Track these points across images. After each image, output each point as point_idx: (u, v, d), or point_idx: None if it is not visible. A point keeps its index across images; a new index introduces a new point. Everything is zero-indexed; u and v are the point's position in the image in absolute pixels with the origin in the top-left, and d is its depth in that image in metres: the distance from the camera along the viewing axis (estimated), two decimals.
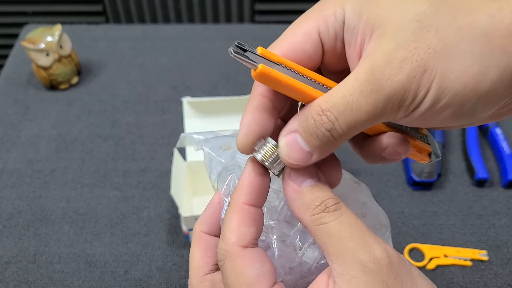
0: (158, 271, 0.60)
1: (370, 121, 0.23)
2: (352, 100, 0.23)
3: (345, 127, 0.23)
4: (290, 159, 0.25)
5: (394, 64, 0.22)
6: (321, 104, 0.24)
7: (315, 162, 0.26)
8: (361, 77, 0.23)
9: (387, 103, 0.23)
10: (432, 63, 0.22)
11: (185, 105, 0.65)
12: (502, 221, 0.64)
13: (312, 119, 0.24)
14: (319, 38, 0.26)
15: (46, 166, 0.72)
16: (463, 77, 0.22)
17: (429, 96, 0.22)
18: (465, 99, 0.22)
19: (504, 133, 0.72)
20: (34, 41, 0.77)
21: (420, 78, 0.22)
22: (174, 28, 0.98)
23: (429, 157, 0.30)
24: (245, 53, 0.24)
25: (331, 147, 0.25)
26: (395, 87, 0.22)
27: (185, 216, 0.57)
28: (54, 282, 0.59)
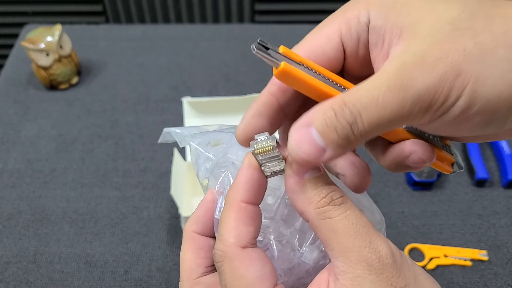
0: (158, 271, 0.60)
1: (395, 121, 0.22)
2: (378, 94, 0.21)
3: (368, 123, 0.21)
4: (300, 151, 0.22)
5: (427, 63, 0.21)
6: (344, 97, 0.22)
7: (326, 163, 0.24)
8: (390, 72, 0.21)
9: (415, 103, 0.21)
10: (467, 66, 0.21)
11: (185, 105, 0.65)
12: (502, 221, 0.64)
13: (332, 111, 0.22)
14: (340, 41, 0.26)
15: (46, 166, 0.72)
16: (498, 84, 0.21)
17: (460, 101, 0.21)
18: (498, 107, 0.21)
19: None
20: (34, 41, 0.77)
21: (453, 81, 0.21)
22: (174, 28, 0.98)
23: (452, 167, 0.29)
24: (267, 51, 0.23)
25: (347, 146, 0.23)
26: (426, 86, 0.21)
27: (185, 216, 0.57)
28: (54, 282, 0.59)
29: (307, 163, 0.23)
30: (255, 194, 0.27)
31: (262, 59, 0.23)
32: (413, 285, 0.24)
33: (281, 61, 0.23)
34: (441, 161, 0.28)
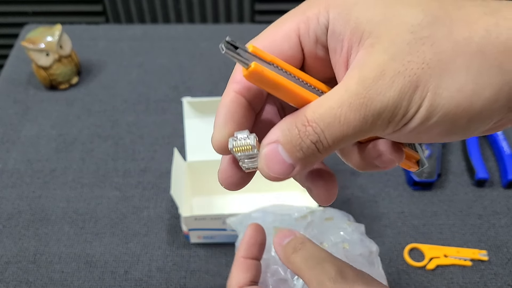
0: (158, 271, 0.60)
1: (357, 136, 0.22)
2: (340, 113, 0.21)
3: (331, 140, 0.22)
4: (271, 171, 0.24)
5: (386, 78, 0.21)
6: (307, 114, 0.22)
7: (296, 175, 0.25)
8: (351, 88, 0.22)
9: (376, 119, 0.21)
10: (425, 79, 0.21)
11: (185, 105, 0.65)
12: (502, 221, 0.64)
13: (296, 129, 0.23)
14: (298, 40, 0.25)
15: (46, 166, 0.72)
16: (456, 96, 0.21)
17: (419, 113, 0.21)
18: (457, 117, 0.21)
19: (504, 133, 0.72)
20: (34, 41, 0.77)
21: (412, 94, 0.21)
22: (174, 28, 0.98)
23: (417, 165, 0.29)
24: (236, 50, 0.23)
25: (314, 160, 0.24)
26: (386, 102, 0.21)
27: (185, 216, 0.57)
28: (54, 282, 0.59)
29: (278, 180, 0.24)
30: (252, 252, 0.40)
31: (232, 59, 0.23)
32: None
33: (251, 61, 0.22)
34: (408, 159, 0.28)
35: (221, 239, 0.62)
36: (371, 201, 0.67)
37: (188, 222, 0.58)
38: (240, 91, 0.26)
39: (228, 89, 0.26)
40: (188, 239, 0.63)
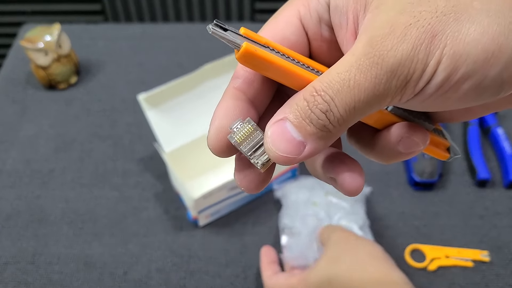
0: (157, 272, 0.60)
1: (372, 102, 0.20)
2: (348, 76, 0.19)
3: (343, 109, 0.20)
4: (279, 150, 0.21)
5: (397, 32, 0.19)
6: (314, 84, 0.20)
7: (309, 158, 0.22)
8: (358, 51, 0.20)
9: (390, 78, 0.19)
10: (442, 27, 0.18)
11: (142, 102, 0.62)
12: (504, 222, 0.64)
13: (304, 101, 0.20)
14: (300, 23, 0.24)
15: (44, 166, 0.71)
16: (482, 39, 0.18)
17: (442, 65, 0.19)
18: (488, 65, 0.18)
19: (506, 133, 0.72)
20: (32, 40, 0.76)
21: (429, 44, 0.19)
22: (174, 27, 0.98)
23: (448, 152, 0.26)
24: (226, 32, 0.21)
25: (327, 137, 0.21)
26: (400, 57, 0.19)
27: (196, 198, 0.58)
28: (53, 283, 0.59)
29: (288, 161, 0.21)
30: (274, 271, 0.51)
31: (222, 40, 0.21)
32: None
33: (243, 42, 0.21)
34: (436, 146, 0.26)
35: (227, 209, 0.65)
36: (372, 201, 0.66)
37: (198, 204, 0.59)
38: (240, 87, 0.24)
39: (228, 87, 0.24)
40: (197, 224, 0.63)
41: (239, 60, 0.21)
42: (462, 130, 0.75)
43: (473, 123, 0.73)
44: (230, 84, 0.24)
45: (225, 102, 0.24)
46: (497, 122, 0.73)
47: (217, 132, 0.23)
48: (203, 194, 0.58)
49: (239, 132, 0.22)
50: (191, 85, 0.65)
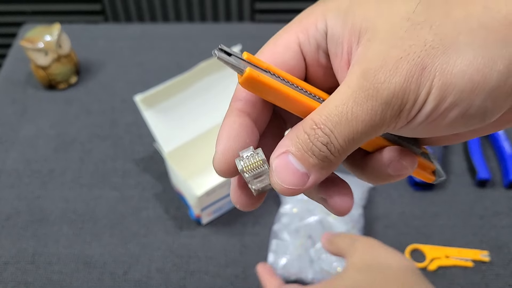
0: (157, 272, 0.60)
1: (369, 132, 0.21)
2: (346, 109, 0.21)
3: (342, 140, 0.21)
4: (285, 183, 0.22)
5: (389, 66, 0.20)
6: (313, 117, 0.22)
7: (312, 187, 0.23)
8: (353, 83, 0.21)
9: (385, 109, 0.20)
10: (431, 59, 0.20)
11: (139, 103, 0.62)
12: (504, 222, 0.64)
13: (305, 134, 0.22)
14: (299, 49, 0.25)
15: (44, 166, 0.71)
16: (468, 71, 0.19)
17: (432, 95, 0.20)
18: (473, 95, 0.20)
19: (505, 133, 0.72)
20: (32, 40, 0.76)
21: (419, 76, 0.20)
22: (174, 27, 0.98)
23: (434, 175, 0.28)
24: (230, 56, 0.22)
25: (329, 167, 0.22)
26: (393, 89, 0.20)
27: (200, 196, 0.58)
28: (53, 283, 0.59)
29: (293, 193, 0.23)
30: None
31: (226, 65, 0.22)
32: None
33: (246, 67, 0.22)
34: (423, 169, 0.27)
35: (229, 206, 0.65)
36: (372, 202, 0.66)
37: (202, 201, 0.59)
38: (243, 108, 0.25)
39: (231, 108, 0.25)
40: (200, 222, 0.63)
41: (242, 85, 0.22)
42: None
43: None
44: (232, 105, 0.25)
45: (229, 124, 0.24)
46: None
47: (224, 154, 0.24)
48: (206, 191, 0.59)
49: (248, 160, 0.23)
50: (187, 84, 0.65)
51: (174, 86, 0.64)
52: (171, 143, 0.64)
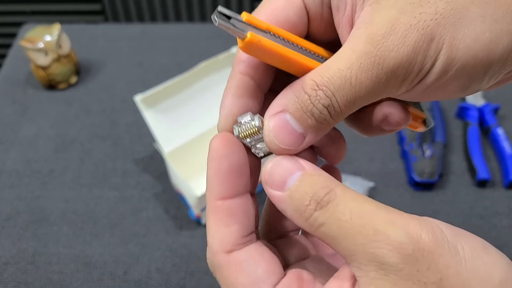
0: (157, 272, 0.60)
1: (370, 98, 0.21)
2: (350, 74, 0.20)
3: (343, 104, 0.21)
4: (280, 143, 0.22)
5: (398, 33, 0.19)
6: (314, 78, 0.21)
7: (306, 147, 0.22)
8: (359, 48, 0.20)
9: (390, 77, 0.20)
10: (440, 30, 0.19)
11: (139, 103, 0.62)
12: (504, 222, 0.64)
13: (305, 94, 0.21)
14: (303, 4, 0.24)
15: (44, 166, 0.71)
16: (473, 47, 0.19)
17: (436, 68, 0.20)
18: (474, 70, 0.20)
19: (505, 133, 0.72)
20: (32, 40, 0.76)
21: (427, 48, 0.20)
22: (174, 27, 0.98)
23: (424, 124, 0.28)
24: (230, 20, 0.21)
25: (326, 128, 0.22)
26: (400, 59, 0.20)
27: (200, 196, 0.58)
28: (52, 283, 0.59)
29: (287, 153, 0.22)
30: (230, 185, 0.23)
31: (226, 30, 0.21)
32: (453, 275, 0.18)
33: (247, 31, 0.21)
34: (414, 119, 0.27)
35: None
36: None
37: (202, 201, 0.59)
38: (246, 71, 0.24)
39: (234, 71, 0.24)
40: (200, 222, 0.63)
41: (242, 50, 0.21)
42: (462, 130, 0.75)
43: (473, 123, 0.73)
44: (234, 68, 0.24)
45: (232, 88, 0.24)
46: (497, 122, 0.73)
47: (227, 119, 0.23)
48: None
49: (244, 126, 0.23)
50: (187, 84, 0.65)
51: (174, 86, 0.64)
52: (171, 143, 0.64)
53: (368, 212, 0.20)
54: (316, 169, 0.22)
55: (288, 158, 0.22)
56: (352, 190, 0.21)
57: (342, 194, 0.21)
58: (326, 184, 0.21)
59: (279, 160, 0.22)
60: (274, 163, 0.22)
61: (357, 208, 0.20)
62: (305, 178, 0.21)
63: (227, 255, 0.23)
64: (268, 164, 0.23)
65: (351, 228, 0.20)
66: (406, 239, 0.19)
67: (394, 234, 0.19)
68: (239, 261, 0.22)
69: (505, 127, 0.73)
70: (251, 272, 0.22)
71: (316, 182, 0.21)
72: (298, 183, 0.21)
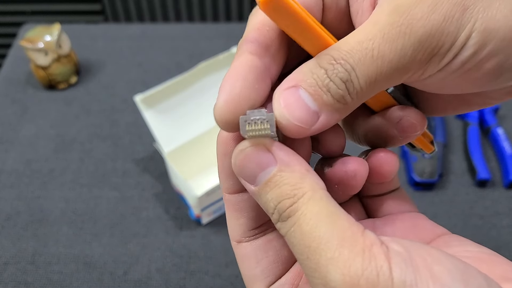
0: (157, 272, 0.60)
1: (394, 75, 0.19)
2: (372, 45, 0.18)
3: (363, 80, 0.18)
4: (293, 117, 0.19)
5: (427, 2, 0.18)
6: (331, 53, 0.19)
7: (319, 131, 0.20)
8: (382, 19, 0.18)
9: (417, 50, 0.18)
10: (473, 0, 0.18)
11: (139, 103, 0.61)
12: (504, 222, 0.64)
13: (322, 68, 0.19)
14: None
15: (44, 166, 0.71)
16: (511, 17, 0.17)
17: (472, 40, 0.18)
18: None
19: (506, 133, 0.72)
20: (32, 40, 0.76)
21: (460, 17, 0.17)
22: (174, 27, 0.98)
23: (433, 145, 0.27)
24: None
25: (342, 110, 0.19)
26: (430, 28, 0.17)
27: (200, 196, 0.58)
28: (52, 283, 0.59)
29: (299, 132, 0.19)
30: (236, 181, 0.22)
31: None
32: None
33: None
34: (424, 136, 0.26)
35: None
36: None
37: (202, 201, 0.59)
38: (256, 51, 0.21)
39: (241, 51, 0.21)
40: (200, 222, 0.63)
41: (263, 7, 0.18)
42: (462, 130, 0.75)
43: (473, 123, 0.73)
44: (242, 47, 0.21)
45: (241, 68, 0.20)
46: (497, 122, 0.73)
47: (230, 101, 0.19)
48: (206, 191, 0.58)
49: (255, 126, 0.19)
50: (188, 84, 0.65)
51: (174, 86, 0.64)
52: (171, 143, 0.64)
53: (319, 238, 0.17)
54: (290, 164, 0.19)
55: (260, 149, 0.20)
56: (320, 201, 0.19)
57: (304, 209, 0.18)
58: (293, 192, 0.19)
59: (250, 152, 0.20)
60: (245, 155, 0.20)
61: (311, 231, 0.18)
62: (274, 179, 0.19)
63: (237, 245, 0.24)
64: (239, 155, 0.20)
65: (299, 254, 0.18)
66: (339, 284, 0.17)
67: (331, 275, 0.17)
68: (244, 253, 0.23)
69: (505, 127, 0.73)
70: (251, 268, 0.23)
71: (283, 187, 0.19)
72: (264, 186, 0.19)
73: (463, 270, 0.17)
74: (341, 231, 0.17)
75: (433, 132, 0.71)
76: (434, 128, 0.71)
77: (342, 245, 0.17)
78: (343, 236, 0.17)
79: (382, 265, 0.16)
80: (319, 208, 0.18)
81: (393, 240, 0.18)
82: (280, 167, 0.19)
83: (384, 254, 0.17)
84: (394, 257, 0.17)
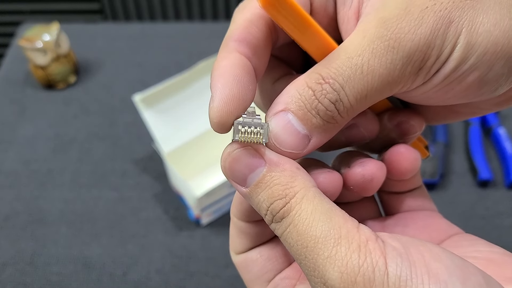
0: (156, 273, 0.59)
1: (384, 90, 0.19)
2: (361, 61, 0.18)
3: (353, 97, 0.18)
4: (283, 146, 0.19)
5: (413, 15, 0.18)
6: (319, 71, 0.19)
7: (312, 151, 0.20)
8: (370, 32, 0.18)
9: (406, 64, 0.18)
10: (458, 13, 0.18)
11: (138, 103, 0.61)
12: (506, 222, 0.64)
13: (309, 89, 0.19)
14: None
15: (43, 167, 0.71)
16: (494, 32, 0.18)
17: (455, 53, 0.18)
18: (494, 58, 0.18)
19: (507, 133, 0.71)
20: (31, 40, 0.76)
21: (445, 31, 0.18)
22: (173, 26, 0.97)
23: (427, 150, 0.27)
24: None
25: (333, 129, 0.20)
26: (417, 42, 0.18)
27: (200, 197, 0.57)
28: (51, 284, 0.58)
29: (291, 157, 0.20)
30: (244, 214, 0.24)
31: None
32: None
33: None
34: (420, 141, 0.26)
35: (229, 207, 0.64)
36: None
37: (201, 202, 0.59)
38: (245, 51, 0.20)
39: (228, 49, 0.20)
40: (199, 223, 0.63)
41: (264, 5, 0.18)
42: (463, 130, 0.74)
43: (474, 123, 0.72)
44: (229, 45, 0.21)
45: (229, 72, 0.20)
46: (498, 122, 0.72)
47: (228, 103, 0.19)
48: (206, 192, 0.58)
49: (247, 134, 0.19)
50: (187, 84, 0.64)
51: (174, 86, 0.63)
52: (170, 143, 0.63)
53: (316, 238, 0.18)
54: (279, 164, 0.19)
55: (248, 150, 0.20)
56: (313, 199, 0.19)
57: (298, 209, 0.18)
58: (284, 192, 0.19)
59: (239, 154, 0.20)
60: (233, 158, 0.20)
61: (307, 231, 0.18)
62: (264, 179, 0.19)
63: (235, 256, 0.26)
64: (227, 158, 0.20)
65: (297, 254, 0.18)
66: (337, 283, 0.17)
67: (329, 273, 0.17)
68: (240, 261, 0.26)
69: (507, 127, 0.73)
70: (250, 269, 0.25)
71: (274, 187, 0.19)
72: (255, 188, 0.19)
73: (461, 267, 0.17)
74: (337, 229, 0.18)
75: (434, 132, 0.71)
76: (435, 128, 0.71)
77: (339, 242, 0.17)
78: (339, 233, 0.17)
79: (378, 260, 0.17)
80: (313, 206, 0.18)
81: (391, 235, 0.18)
82: (270, 167, 0.19)
83: (379, 250, 0.17)
84: (390, 252, 0.17)
